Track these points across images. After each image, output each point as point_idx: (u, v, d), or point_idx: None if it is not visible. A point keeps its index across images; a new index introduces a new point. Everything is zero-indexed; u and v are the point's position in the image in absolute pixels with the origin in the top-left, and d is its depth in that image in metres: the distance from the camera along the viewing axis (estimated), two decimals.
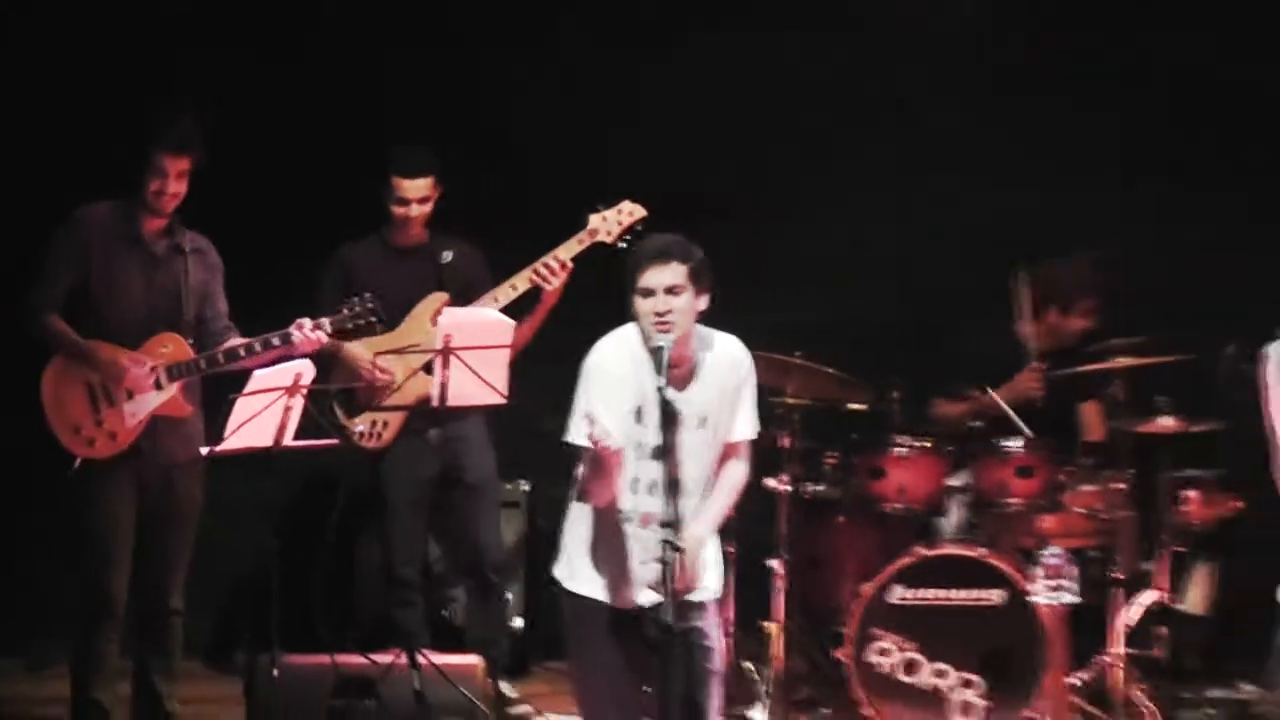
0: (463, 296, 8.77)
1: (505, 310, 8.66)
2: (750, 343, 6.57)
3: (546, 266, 8.68)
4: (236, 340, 8.13)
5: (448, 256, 8.89)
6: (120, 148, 8.41)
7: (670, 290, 6.22)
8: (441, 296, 8.73)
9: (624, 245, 8.64)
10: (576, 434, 6.25)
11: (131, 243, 8.12)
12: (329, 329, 8.09)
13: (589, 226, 8.74)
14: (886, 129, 10.27)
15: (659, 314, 6.20)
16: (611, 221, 8.66)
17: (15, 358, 8.22)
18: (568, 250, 8.71)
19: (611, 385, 6.31)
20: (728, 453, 6.44)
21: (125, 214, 8.17)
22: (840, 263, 10.22)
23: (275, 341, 7.98)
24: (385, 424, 8.82)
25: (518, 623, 9.98)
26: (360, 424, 8.81)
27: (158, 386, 8.05)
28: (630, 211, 8.49)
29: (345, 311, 8.15)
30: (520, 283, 8.73)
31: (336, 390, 8.65)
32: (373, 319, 8.34)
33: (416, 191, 8.93)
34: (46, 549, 8.52)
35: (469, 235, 9.11)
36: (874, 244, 10.25)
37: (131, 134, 8.33)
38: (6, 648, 10.17)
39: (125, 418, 7.96)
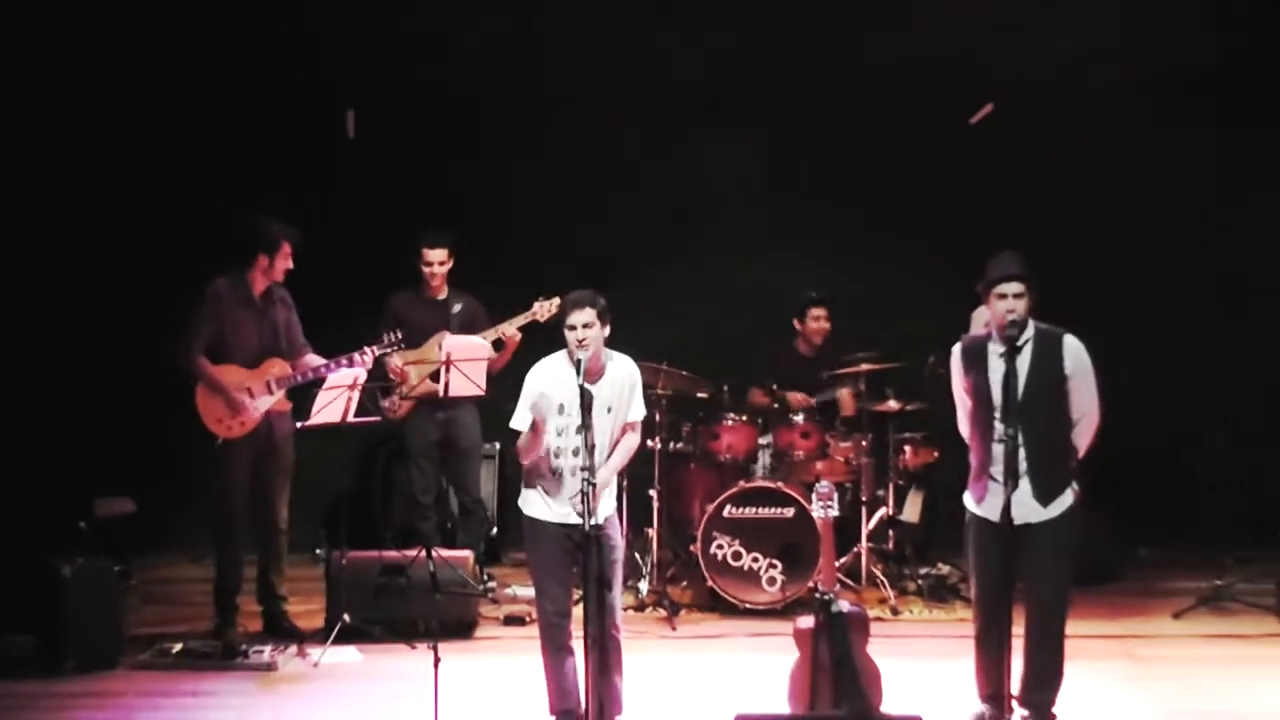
0: (467, 333, 9.00)
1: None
2: (635, 354, 6.97)
3: (506, 334, 8.97)
4: (320, 361, 8.93)
5: (457, 308, 9.16)
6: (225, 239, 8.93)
7: (586, 325, 6.61)
8: (445, 335, 9.05)
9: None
10: (517, 420, 6.62)
11: (247, 302, 8.54)
12: (375, 353, 8.40)
13: (532, 309, 8.96)
14: (720, 223, 10.63)
15: (579, 340, 6.52)
16: (546, 308, 8.83)
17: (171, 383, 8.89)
18: (516, 323, 8.98)
19: (533, 391, 6.70)
20: (626, 429, 6.80)
21: (239, 282, 9.01)
22: (690, 306, 10.65)
23: (344, 362, 8.48)
24: (400, 404, 9.05)
25: (493, 531, 10.19)
26: (387, 403, 9.06)
27: (270, 392, 8.36)
28: (561, 305, 8.67)
29: (385, 340, 8.46)
30: (489, 335, 9.03)
31: (377, 384, 8.87)
32: (400, 345, 8.93)
33: (437, 257, 9.37)
34: (204, 487, 8.70)
35: (472, 289, 9.51)
36: (709, 295, 10.66)
37: (249, 232, 8.79)
38: (179, 545, 10.96)
39: (251, 412, 8.19)
